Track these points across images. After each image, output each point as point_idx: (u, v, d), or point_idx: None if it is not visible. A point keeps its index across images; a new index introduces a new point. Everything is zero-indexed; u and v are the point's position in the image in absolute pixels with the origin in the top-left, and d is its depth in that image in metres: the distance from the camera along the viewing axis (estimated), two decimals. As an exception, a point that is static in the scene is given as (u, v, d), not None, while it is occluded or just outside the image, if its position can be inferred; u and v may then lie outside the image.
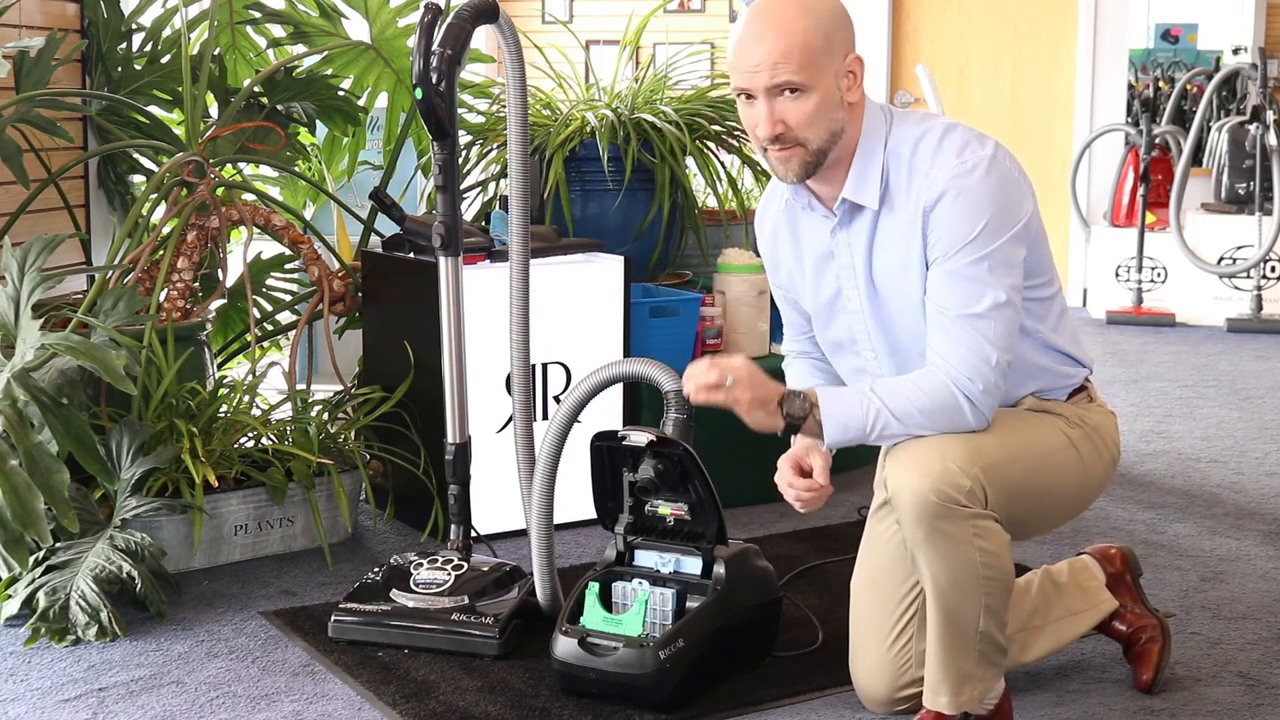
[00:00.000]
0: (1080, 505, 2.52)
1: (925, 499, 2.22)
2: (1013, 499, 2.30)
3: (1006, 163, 2.31)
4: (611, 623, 2.59)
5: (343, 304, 3.92)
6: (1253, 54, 7.20)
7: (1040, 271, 2.40)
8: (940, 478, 2.22)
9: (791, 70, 2.25)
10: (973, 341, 2.27)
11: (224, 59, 4.38)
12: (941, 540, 2.25)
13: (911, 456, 2.26)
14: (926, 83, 5.49)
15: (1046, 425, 2.41)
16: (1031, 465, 2.34)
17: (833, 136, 2.30)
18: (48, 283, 3.13)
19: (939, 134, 2.31)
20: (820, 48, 2.26)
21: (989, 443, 2.29)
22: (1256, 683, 2.73)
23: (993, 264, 2.27)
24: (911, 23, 7.96)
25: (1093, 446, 2.45)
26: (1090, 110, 7.73)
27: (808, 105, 2.27)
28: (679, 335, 3.84)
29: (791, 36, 2.25)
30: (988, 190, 2.26)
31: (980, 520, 2.25)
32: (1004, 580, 2.31)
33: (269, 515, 3.44)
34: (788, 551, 3.46)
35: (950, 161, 2.27)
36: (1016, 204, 2.30)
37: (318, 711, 2.61)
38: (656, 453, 2.62)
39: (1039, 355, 2.44)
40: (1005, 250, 2.28)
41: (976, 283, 2.27)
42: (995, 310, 2.27)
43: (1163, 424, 4.95)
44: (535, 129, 4.14)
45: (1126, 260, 7.32)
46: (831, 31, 2.28)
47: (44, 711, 2.61)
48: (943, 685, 2.35)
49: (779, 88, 2.26)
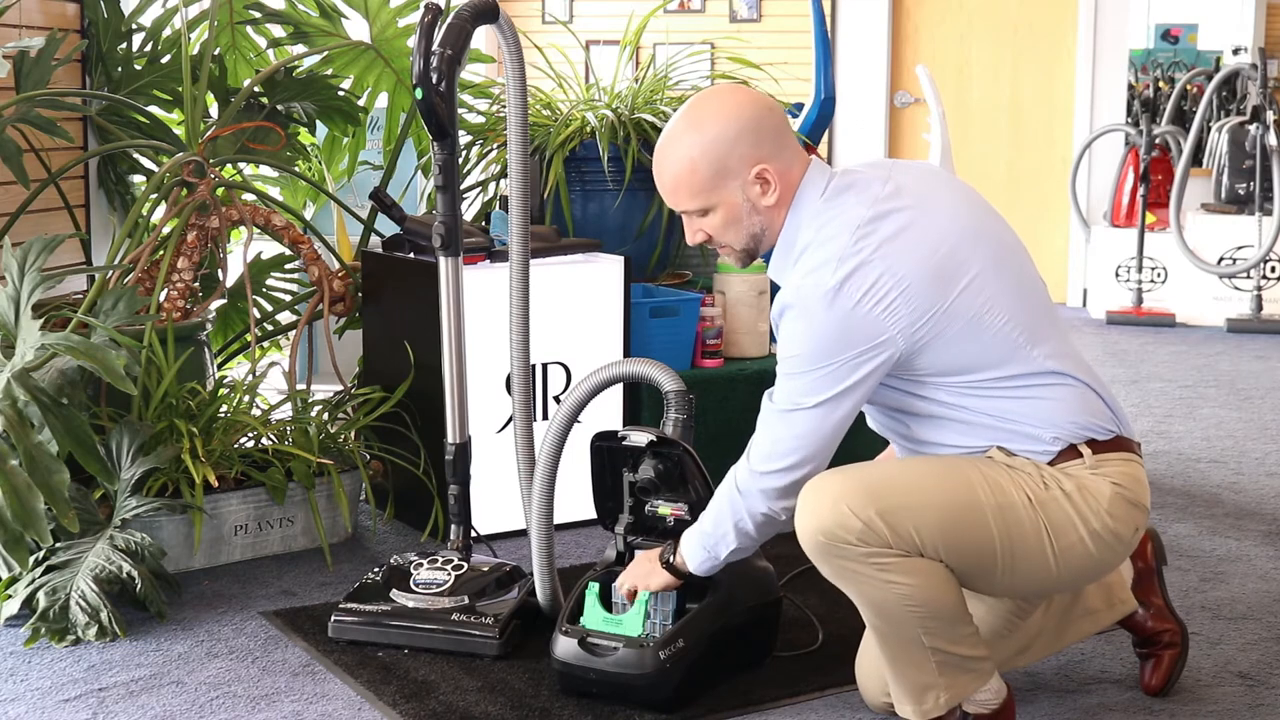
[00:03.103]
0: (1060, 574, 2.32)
1: (814, 539, 2.27)
2: (946, 545, 2.25)
3: (855, 292, 2.24)
4: (611, 623, 2.59)
5: (343, 304, 3.92)
6: (1253, 54, 7.20)
7: (984, 365, 2.30)
8: (830, 518, 2.24)
9: (685, 199, 2.40)
10: (766, 437, 2.35)
11: (224, 59, 4.38)
12: (849, 575, 2.28)
13: (810, 497, 2.30)
14: (926, 83, 5.49)
15: (993, 477, 2.29)
16: (961, 515, 2.25)
17: (752, 239, 2.41)
18: (48, 283, 3.13)
19: (821, 241, 2.30)
20: (710, 174, 2.36)
21: (898, 485, 2.27)
22: (1256, 683, 2.73)
23: (812, 380, 2.29)
24: (911, 23, 7.96)
25: (1062, 511, 2.27)
26: (1090, 110, 7.73)
27: (715, 220, 2.40)
28: (679, 335, 3.84)
29: (678, 172, 2.38)
30: (813, 324, 2.27)
31: (882, 558, 2.24)
32: (933, 609, 2.27)
33: (269, 515, 3.44)
34: (788, 551, 3.44)
35: (795, 280, 2.32)
36: (852, 337, 2.25)
37: (318, 711, 2.61)
38: (656, 453, 2.62)
39: (984, 419, 2.34)
40: (829, 370, 2.27)
41: (790, 383, 2.32)
42: (797, 411, 2.30)
43: (1163, 424, 4.95)
44: (535, 129, 4.14)
45: (1126, 260, 7.32)
46: (725, 153, 2.35)
47: (44, 711, 2.61)
48: (904, 696, 2.37)
49: (685, 213, 2.42)
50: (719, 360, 3.90)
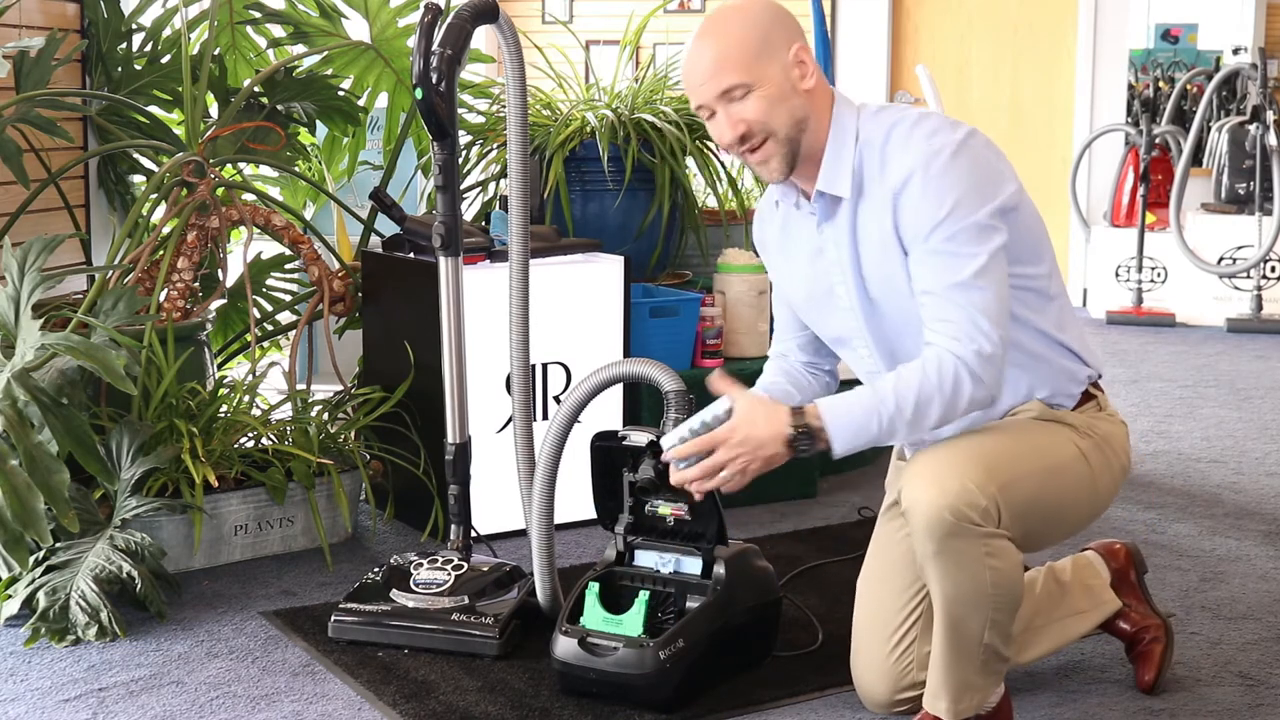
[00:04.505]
0: (1090, 516, 2.50)
1: (940, 516, 2.21)
2: (1026, 515, 2.29)
3: (978, 146, 2.30)
4: (611, 623, 2.59)
5: (343, 304, 3.92)
6: (1253, 54, 7.19)
7: (1032, 259, 2.37)
8: (957, 496, 2.21)
9: (732, 72, 2.30)
10: (961, 311, 2.23)
11: (224, 59, 4.38)
12: (952, 557, 2.24)
13: (930, 470, 2.25)
14: (926, 83, 5.48)
15: (1057, 437, 2.39)
16: (1044, 480, 2.32)
17: (797, 124, 2.33)
18: (48, 283, 3.13)
19: (912, 121, 2.32)
20: (757, 44, 2.31)
21: (1004, 459, 2.27)
22: (1256, 683, 2.73)
23: (968, 238, 2.24)
24: (911, 23, 7.96)
25: (1103, 457, 2.42)
26: (1090, 110, 7.73)
27: (760, 101, 2.31)
28: (679, 335, 3.84)
29: (726, 42, 2.31)
30: (956, 170, 2.25)
31: (994, 539, 2.24)
32: (1012, 597, 2.30)
33: (269, 515, 3.44)
34: (788, 551, 3.45)
35: (920, 145, 2.28)
36: (990, 184, 2.28)
37: (318, 711, 2.61)
38: (656, 453, 2.62)
39: (1037, 344, 2.40)
40: (981, 224, 2.24)
41: (954, 256, 2.25)
42: (978, 277, 2.23)
43: (1163, 424, 4.95)
44: (535, 129, 4.14)
45: (1126, 260, 7.32)
46: (768, 27, 2.32)
47: (44, 711, 2.61)
48: (943, 691, 2.35)
49: (727, 92, 2.31)
50: (719, 360, 3.90)
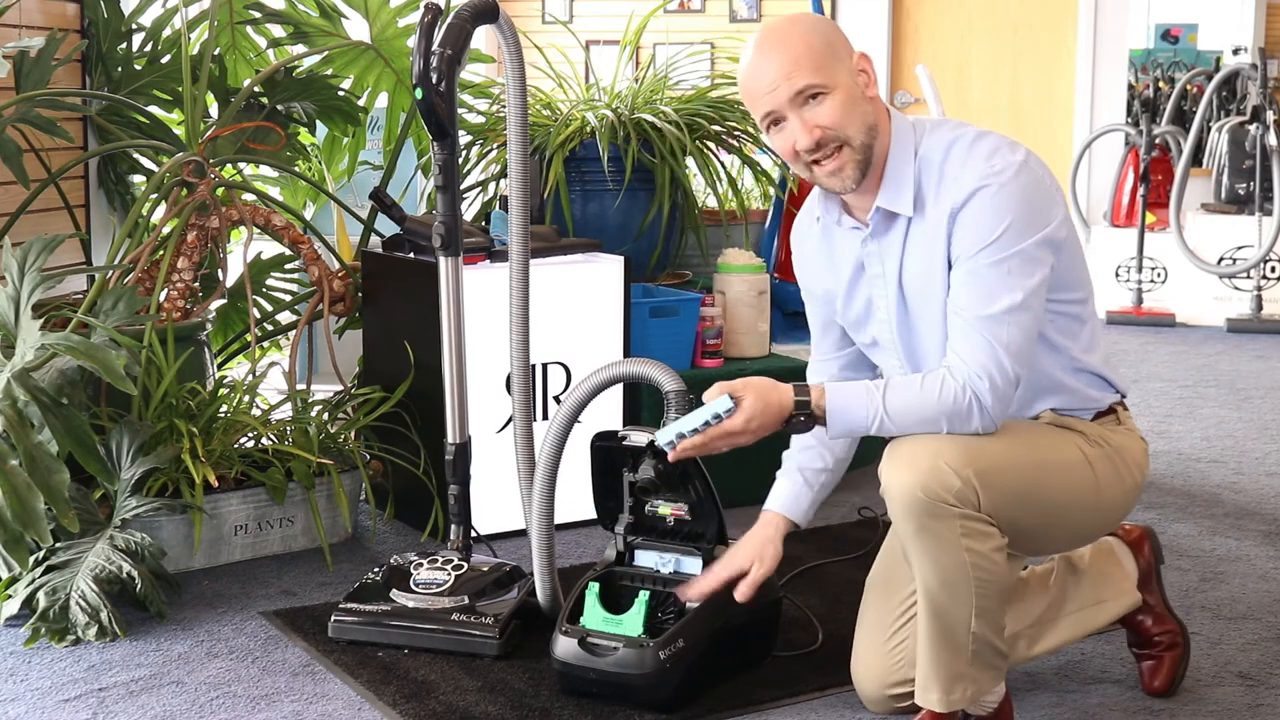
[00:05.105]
0: (1096, 527, 2.48)
1: (912, 495, 2.23)
2: (1016, 507, 2.29)
3: (1038, 170, 2.31)
4: (611, 623, 2.59)
5: (343, 304, 3.92)
6: (1253, 54, 7.20)
7: (1072, 286, 2.38)
8: (929, 474, 2.22)
9: (807, 73, 2.27)
10: (985, 344, 2.25)
11: (224, 59, 4.38)
12: (930, 538, 2.25)
13: (906, 452, 2.26)
14: (926, 83, 5.49)
15: (1060, 438, 2.38)
16: (1036, 474, 2.32)
17: (870, 131, 2.31)
18: (48, 283, 3.13)
19: (970, 139, 2.32)
20: (824, 49, 2.29)
21: (990, 447, 2.27)
22: (1256, 683, 2.73)
23: (1012, 267, 2.25)
24: (911, 23, 7.97)
25: (1112, 468, 2.40)
26: (1090, 110, 7.74)
27: (835, 103, 2.28)
28: (679, 335, 3.84)
29: (796, 46, 2.28)
30: (1015, 193, 2.26)
31: (969, 521, 2.24)
32: (997, 584, 2.30)
33: (269, 515, 3.44)
34: (788, 551, 3.42)
35: (980, 165, 2.28)
36: (1044, 210, 2.29)
37: (318, 711, 2.61)
38: (657, 453, 2.62)
39: (1065, 375, 2.42)
40: (1028, 255, 2.26)
41: (994, 284, 2.25)
42: (1010, 314, 2.25)
43: (1163, 424, 4.95)
44: (535, 129, 4.14)
45: (1126, 260, 7.32)
46: (829, 35, 2.32)
47: (44, 711, 2.61)
48: (932, 682, 2.34)
49: (801, 94, 2.28)
50: (719, 360, 3.90)
